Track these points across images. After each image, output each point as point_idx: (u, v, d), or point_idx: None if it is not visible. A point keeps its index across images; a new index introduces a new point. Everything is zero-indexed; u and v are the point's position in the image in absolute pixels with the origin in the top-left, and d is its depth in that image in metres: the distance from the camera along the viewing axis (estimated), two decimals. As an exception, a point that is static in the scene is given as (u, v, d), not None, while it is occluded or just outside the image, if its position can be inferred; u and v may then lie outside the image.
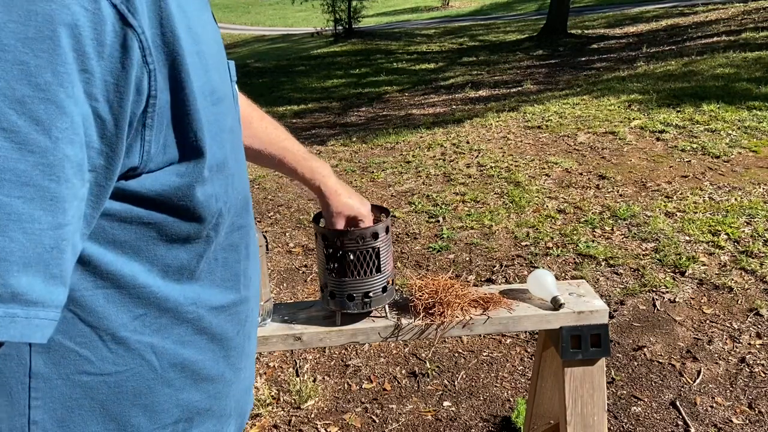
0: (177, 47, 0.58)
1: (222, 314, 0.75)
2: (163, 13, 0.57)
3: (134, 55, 0.54)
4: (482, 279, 3.33)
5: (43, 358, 0.62)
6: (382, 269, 1.30)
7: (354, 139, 6.81)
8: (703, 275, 3.18)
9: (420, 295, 1.40)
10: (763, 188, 4.17)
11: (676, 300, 2.99)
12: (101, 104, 0.53)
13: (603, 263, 3.40)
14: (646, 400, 2.38)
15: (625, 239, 3.66)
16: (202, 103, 0.63)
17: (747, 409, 2.29)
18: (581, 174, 4.81)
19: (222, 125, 0.67)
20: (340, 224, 1.27)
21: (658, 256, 3.41)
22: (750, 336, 2.69)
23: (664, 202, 4.12)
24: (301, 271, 3.60)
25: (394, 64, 14.09)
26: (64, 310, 0.60)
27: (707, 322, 2.81)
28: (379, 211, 1.36)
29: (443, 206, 4.38)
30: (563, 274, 3.31)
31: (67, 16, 0.49)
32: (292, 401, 2.48)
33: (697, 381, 2.45)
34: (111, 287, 0.63)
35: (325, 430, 2.34)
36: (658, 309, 2.94)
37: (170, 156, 0.61)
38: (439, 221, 4.15)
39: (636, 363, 2.59)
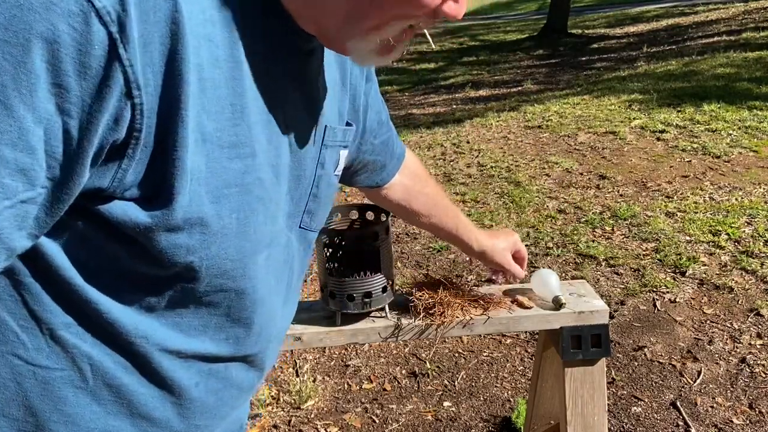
0: (179, 93, 0.58)
1: (177, 360, 0.72)
2: (175, 57, 0.57)
3: (115, 85, 0.54)
4: (482, 279, 3.33)
5: None
6: (382, 269, 1.30)
7: (354, 138, 6.80)
8: (704, 275, 3.17)
9: (420, 295, 1.39)
10: (764, 188, 4.17)
11: (677, 300, 2.99)
12: (73, 121, 0.53)
13: (603, 263, 3.40)
14: (646, 400, 2.37)
15: (625, 239, 3.66)
16: (209, 153, 0.62)
17: (747, 409, 2.29)
18: (581, 174, 4.80)
19: (230, 181, 0.65)
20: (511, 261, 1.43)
21: (658, 256, 3.41)
22: (750, 336, 2.68)
23: (665, 202, 4.11)
24: (301, 271, 3.60)
25: (394, 63, 14.08)
26: (13, 290, 0.63)
27: (708, 322, 2.81)
28: (378, 211, 1.35)
29: (443, 206, 4.37)
30: (564, 274, 3.30)
31: (46, 30, 0.49)
32: (292, 401, 2.48)
33: (698, 381, 2.45)
34: (61, 288, 0.64)
35: (325, 430, 2.34)
36: (658, 309, 2.94)
37: (142, 192, 0.61)
38: (439, 221, 4.14)
39: (636, 363, 2.58)
